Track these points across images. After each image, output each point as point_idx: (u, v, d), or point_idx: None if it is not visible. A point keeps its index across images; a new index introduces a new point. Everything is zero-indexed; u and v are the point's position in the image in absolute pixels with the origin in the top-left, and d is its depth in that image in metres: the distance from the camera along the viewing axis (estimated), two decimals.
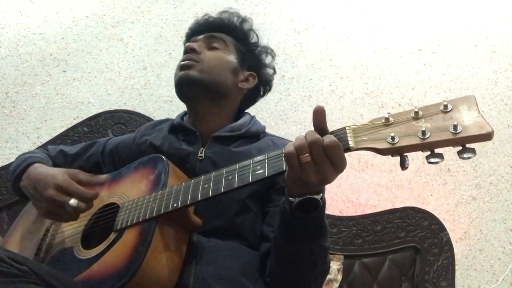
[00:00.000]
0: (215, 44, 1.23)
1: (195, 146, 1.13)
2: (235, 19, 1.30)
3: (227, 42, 1.24)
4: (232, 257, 0.98)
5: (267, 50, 1.34)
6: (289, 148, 0.75)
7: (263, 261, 1.01)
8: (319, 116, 0.77)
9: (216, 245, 0.98)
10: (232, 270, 0.95)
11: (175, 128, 1.21)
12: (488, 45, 2.19)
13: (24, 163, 1.15)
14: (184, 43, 1.31)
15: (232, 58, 1.23)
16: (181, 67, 1.17)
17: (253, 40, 1.31)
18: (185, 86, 1.17)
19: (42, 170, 1.10)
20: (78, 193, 1.01)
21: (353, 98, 2.10)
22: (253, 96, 1.33)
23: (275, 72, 1.37)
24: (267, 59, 1.34)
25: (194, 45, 1.20)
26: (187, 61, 1.17)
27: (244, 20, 1.30)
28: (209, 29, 1.26)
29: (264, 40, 1.37)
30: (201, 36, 1.24)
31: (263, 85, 1.34)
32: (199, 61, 1.17)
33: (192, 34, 1.30)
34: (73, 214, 1.00)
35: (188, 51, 1.19)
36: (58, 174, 1.05)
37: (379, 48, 2.18)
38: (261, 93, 1.35)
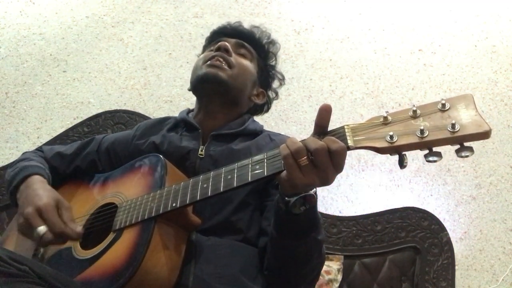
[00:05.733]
0: (243, 52, 1.27)
1: (195, 143, 1.13)
2: (265, 38, 1.34)
3: (253, 54, 1.29)
4: (231, 255, 0.98)
5: (280, 77, 1.40)
6: (285, 151, 0.75)
7: (262, 255, 1.02)
8: (324, 114, 0.78)
9: (215, 243, 0.98)
10: (232, 268, 0.95)
11: (178, 123, 1.22)
12: (488, 45, 2.19)
13: (21, 174, 1.10)
14: (208, 40, 1.34)
15: (254, 71, 1.28)
16: (212, 65, 1.17)
17: (273, 63, 1.38)
18: (208, 83, 1.18)
19: (35, 187, 1.04)
20: (51, 223, 0.92)
21: (353, 98, 2.10)
22: (254, 111, 1.37)
23: (277, 97, 1.42)
24: (275, 84, 1.40)
25: (228, 45, 1.21)
26: (219, 62, 1.18)
27: (272, 42, 1.36)
28: (239, 36, 1.29)
29: None
30: (232, 40, 1.27)
31: (266, 106, 1.39)
32: (231, 65, 1.19)
33: (221, 33, 1.31)
34: (40, 241, 0.91)
35: (221, 49, 1.20)
36: (45, 197, 0.98)
37: (379, 48, 2.19)
38: (259, 112, 1.39)
